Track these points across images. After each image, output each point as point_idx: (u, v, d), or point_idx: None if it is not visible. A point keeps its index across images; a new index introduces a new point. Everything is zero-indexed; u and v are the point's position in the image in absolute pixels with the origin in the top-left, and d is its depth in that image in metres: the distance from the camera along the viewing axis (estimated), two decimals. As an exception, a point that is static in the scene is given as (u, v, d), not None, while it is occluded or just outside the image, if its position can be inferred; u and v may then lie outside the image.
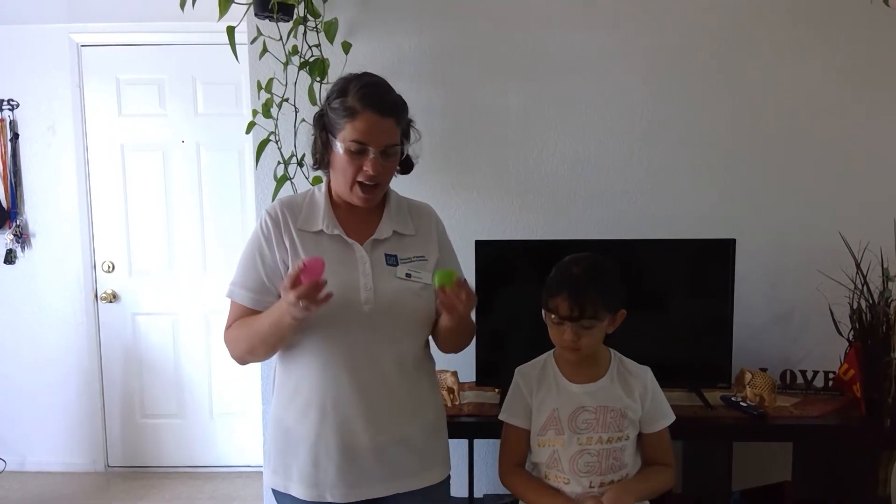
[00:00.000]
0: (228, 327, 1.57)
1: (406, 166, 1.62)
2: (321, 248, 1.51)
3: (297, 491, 1.52)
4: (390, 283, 1.51)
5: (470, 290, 1.46)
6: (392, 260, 1.54)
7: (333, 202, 1.57)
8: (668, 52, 2.48)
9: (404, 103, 1.53)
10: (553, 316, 1.57)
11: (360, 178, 1.47)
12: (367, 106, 1.44)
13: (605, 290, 1.56)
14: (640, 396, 1.65)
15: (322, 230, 1.52)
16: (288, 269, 1.50)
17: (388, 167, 1.51)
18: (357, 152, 1.45)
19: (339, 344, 1.49)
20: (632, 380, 1.66)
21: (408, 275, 1.53)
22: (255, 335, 1.49)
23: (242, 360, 1.57)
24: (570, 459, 1.60)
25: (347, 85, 1.48)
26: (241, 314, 1.55)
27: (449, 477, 1.65)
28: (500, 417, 1.71)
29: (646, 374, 1.68)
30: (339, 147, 1.47)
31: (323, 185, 1.60)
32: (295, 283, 1.33)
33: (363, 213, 1.57)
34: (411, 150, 1.60)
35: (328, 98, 1.52)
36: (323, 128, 1.52)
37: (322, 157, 1.55)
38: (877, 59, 2.47)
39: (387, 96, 1.49)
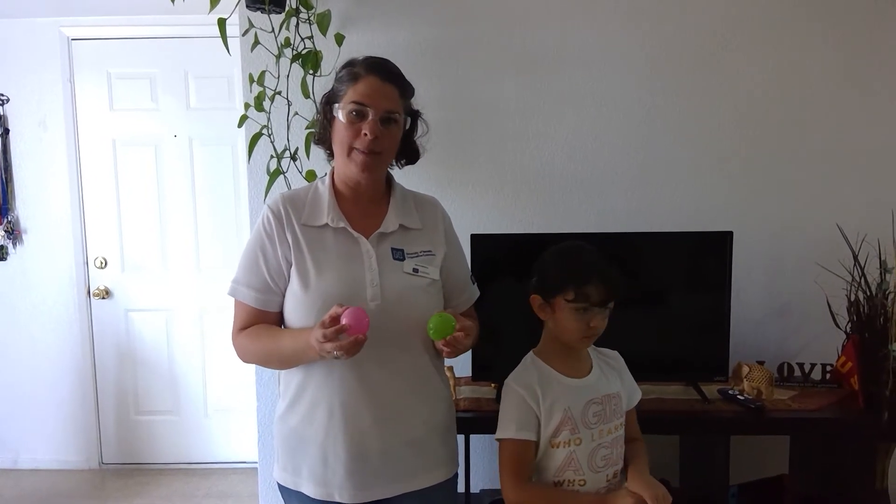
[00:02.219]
0: (238, 331, 1.53)
1: (411, 155, 1.61)
2: (325, 243, 1.48)
3: (307, 489, 1.51)
4: (397, 278, 1.48)
5: (469, 325, 1.43)
6: (399, 254, 1.51)
7: (338, 193, 1.54)
8: (666, 45, 2.47)
9: (410, 84, 1.53)
10: (580, 305, 1.52)
11: (357, 145, 1.45)
12: (370, 71, 1.46)
13: (619, 272, 1.55)
14: (622, 378, 1.67)
15: (327, 224, 1.49)
16: (291, 265, 1.48)
17: (388, 136, 1.47)
18: (357, 115, 1.44)
19: None
20: (613, 363, 1.69)
21: (415, 270, 1.50)
22: (273, 354, 1.48)
23: (253, 364, 1.56)
24: (589, 457, 1.56)
25: (355, 58, 1.52)
26: (249, 315, 1.52)
27: (456, 475, 1.63)
28: (508, 436, 1.56)
29: (618, 355, 1.71)
30: (339, 113, 1.46)
31: (326, 178, 1.57)
32: (331, 326, 1.30)
33: (368, 204, 1.55)
34: (418, 142, 1.59)
35: (337, 74, 1.53)
36: (328, 101, 1.51)
37: (324, 132, 1.53)
38: (875, 53, 2.46)
39: (392, 67, 1.50)
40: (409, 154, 1.60)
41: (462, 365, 2.18)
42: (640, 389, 1.72)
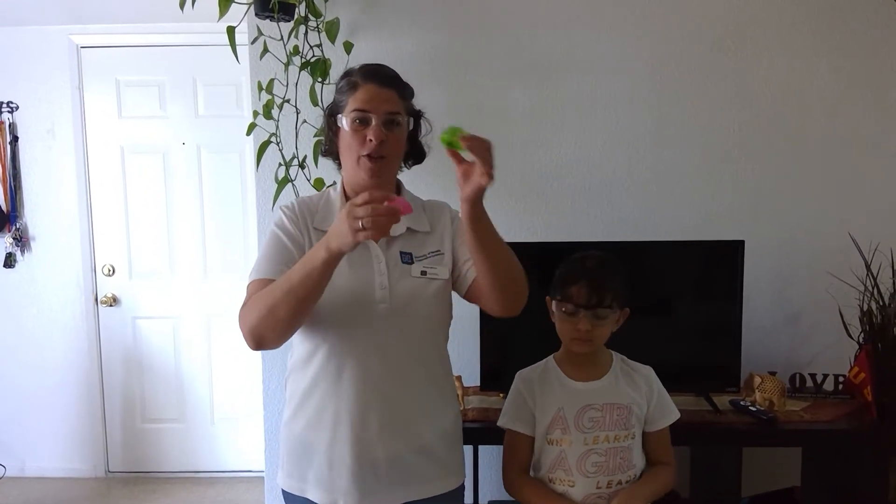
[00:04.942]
0: (245, 304, 1.43)
1: (418, 155, 1.61)
2: None
3: (313, 495, 1.50)
4: (406, 282, 1.48)
5: (480, 138, 1.39)
6: (407, 258, 1.50)
7: (349, 199, 1.54)
8: (674, 53, 2.46)
9: (408, 85, 1.54)
10: (568, 306, 1.57)
11: (363, 151, 1.46)
12: (367, 79, 1.48)
13: (619, 282, 1.58)
14: (645, 394, 1.65)
15: None
16: None
17: (393, 139, 1.48)
18: (360, 122, 1.45)
19: (354, 346, 1.46)
20: (637, 377, 1.67)
21: (423, 272, 1.50)
22: (280, 286, 1.34)
23: (256, 331, 1.38)
24: (578, 460, 1.59)
25: (352, 68, 1.53)
26: (263, 287, 1.41)
27: (463, 486, 1.61)
28: (501, 424, 1.69)
29: (650, 372, 1.70)
30: (344, 123, 1.47)
31: (338, 185, 1.58)
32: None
33: None
34: (423, 142, 1.60)
35: (336, 85, 1.55)
36: (331, 113, 1.53)
37: (331, 144, 1.56)
38: (885, 59, 2.44)
39: (388, 71, 1.52)
40: (415, 154, 1.61)
41: (471, 374, 2.17)
42: (676, 411, 1.68)
